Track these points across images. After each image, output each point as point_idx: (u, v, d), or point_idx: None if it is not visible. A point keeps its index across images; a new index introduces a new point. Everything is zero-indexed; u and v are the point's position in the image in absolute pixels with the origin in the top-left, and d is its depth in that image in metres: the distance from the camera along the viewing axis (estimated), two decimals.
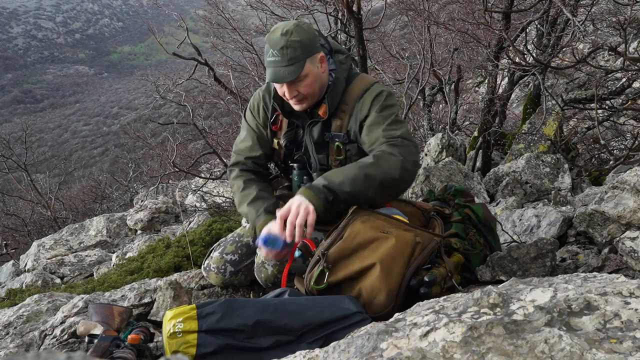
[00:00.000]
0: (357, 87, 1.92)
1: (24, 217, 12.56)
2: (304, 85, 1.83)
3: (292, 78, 1.78)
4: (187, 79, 6.63)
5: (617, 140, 5.18)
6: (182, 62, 6.92)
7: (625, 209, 1.95)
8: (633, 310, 1.01)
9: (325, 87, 1.92)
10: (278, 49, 1.77)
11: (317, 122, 1.95)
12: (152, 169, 11.95)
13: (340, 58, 1.97)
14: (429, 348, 1.04)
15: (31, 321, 2.20)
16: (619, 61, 6.43)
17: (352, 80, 1.95)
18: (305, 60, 1.80)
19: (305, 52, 1.80)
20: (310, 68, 1.82)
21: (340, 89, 1.92)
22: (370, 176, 1.71)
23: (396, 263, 1.60)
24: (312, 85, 1.84)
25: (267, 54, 1.82)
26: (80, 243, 6.87)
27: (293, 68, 1.78)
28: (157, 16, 56.28)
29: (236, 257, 2.17)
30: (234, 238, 2.23)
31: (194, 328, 1.38)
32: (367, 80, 1.96)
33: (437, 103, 8.49)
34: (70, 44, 78.26)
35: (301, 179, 2.03)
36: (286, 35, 1.78)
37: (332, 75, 1.93)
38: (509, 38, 3.70)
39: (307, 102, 1.89)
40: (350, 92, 1.92)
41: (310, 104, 1.90)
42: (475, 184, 3.53)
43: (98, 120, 46.60)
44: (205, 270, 2.23)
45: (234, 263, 2.17)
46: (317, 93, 1.89)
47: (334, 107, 1.92)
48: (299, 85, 1.82)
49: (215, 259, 2.20)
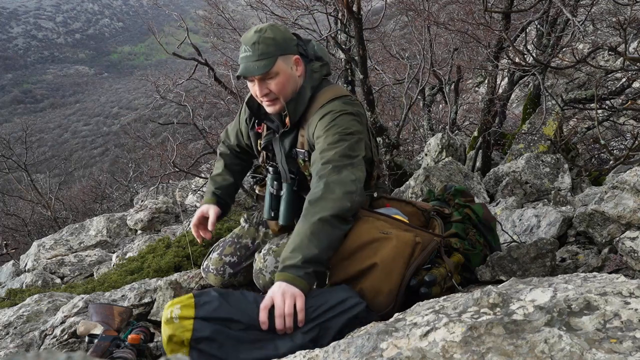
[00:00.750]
0: (318, 102, 1.83)
1: (24, 217, 12.56)
2: (275, 84, 1.78)
3: (260, 72, 1.74)
4: (187, 79, 6.63)
5: (617, 140, 5.18)
6: (182, 62, 6.92)
7: (625, 209, 1.95)
8: (633, 310, 1.01)
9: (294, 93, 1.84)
10: (250, 44, 1.76)
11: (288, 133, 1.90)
12: (152, 169, 11.95)
13: (314, 66, 1.88)
14: (429, 348, 1.04)
15: (31, 321, 2.20)
16: (619, 61, 6.43)
17: (319, 91, 1.86)
18: (277, 57, 1.76)
19: (278, 50, 1.76)
20: (283, 67, 1.78)
21: (304, 99, 1.84)
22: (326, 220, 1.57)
23: (396, 263, 1.60)
24: (284, 84, 1.79)
25: (240, 52, 1.81)
26: (81, 243, 6.88)
27: (264, 62, 1.74)
28: (157, 16, 56.29)
29: (235, 258, 2.18)
30: (232, 239, 2.24)
31: (191, 315, 1.40)
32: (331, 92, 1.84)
33: (437, 103, 8.49)
34: (70, 44, 78.27)
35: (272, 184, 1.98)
36: (260, 32, 1.77)
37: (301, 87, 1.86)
38: (508, 38, 3.70)
39: (279, 104, 1.82)
40: (313, 106, 1.84)
41: (281, 106, 1.83)
42: (475, 184, 3.53)
43: (98, 120, 46.61)
44: (204, 272, 2.24)
45: (232, 264, 2.18)
46: (289, 95, 1.82)
47: (296, 118, 1.84)
48: (269, 83, 1.78)
49: (214, 261, 2.21)
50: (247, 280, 2.20)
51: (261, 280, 2.00)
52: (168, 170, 7.26)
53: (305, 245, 1.53)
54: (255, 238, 2.22)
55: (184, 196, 9.25)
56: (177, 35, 6.11)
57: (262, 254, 2.02)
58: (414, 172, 3.69)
